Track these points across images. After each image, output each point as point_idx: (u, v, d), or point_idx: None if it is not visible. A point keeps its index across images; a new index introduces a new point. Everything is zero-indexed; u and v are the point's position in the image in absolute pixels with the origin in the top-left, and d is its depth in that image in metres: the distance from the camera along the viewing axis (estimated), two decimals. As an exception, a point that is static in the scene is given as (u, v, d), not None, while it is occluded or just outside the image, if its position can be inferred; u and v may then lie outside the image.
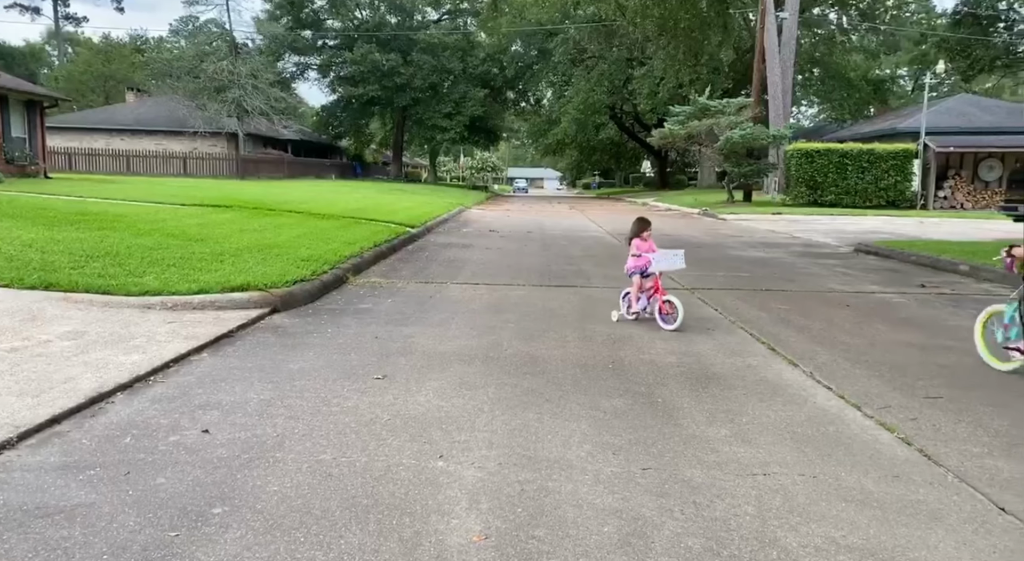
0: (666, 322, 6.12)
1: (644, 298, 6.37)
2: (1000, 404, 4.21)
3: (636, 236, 6.52)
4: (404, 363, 4.64)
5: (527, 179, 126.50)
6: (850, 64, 47.21)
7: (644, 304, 6.37)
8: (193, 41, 40.98)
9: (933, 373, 4.88)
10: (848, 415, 3.97)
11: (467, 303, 7.07)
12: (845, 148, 26.49)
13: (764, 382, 4.59)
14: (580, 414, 3.80)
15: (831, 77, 46.87)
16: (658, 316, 6.21)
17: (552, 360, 4.93)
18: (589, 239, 15.29)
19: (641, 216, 6.80)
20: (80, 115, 43.08)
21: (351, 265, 8.47)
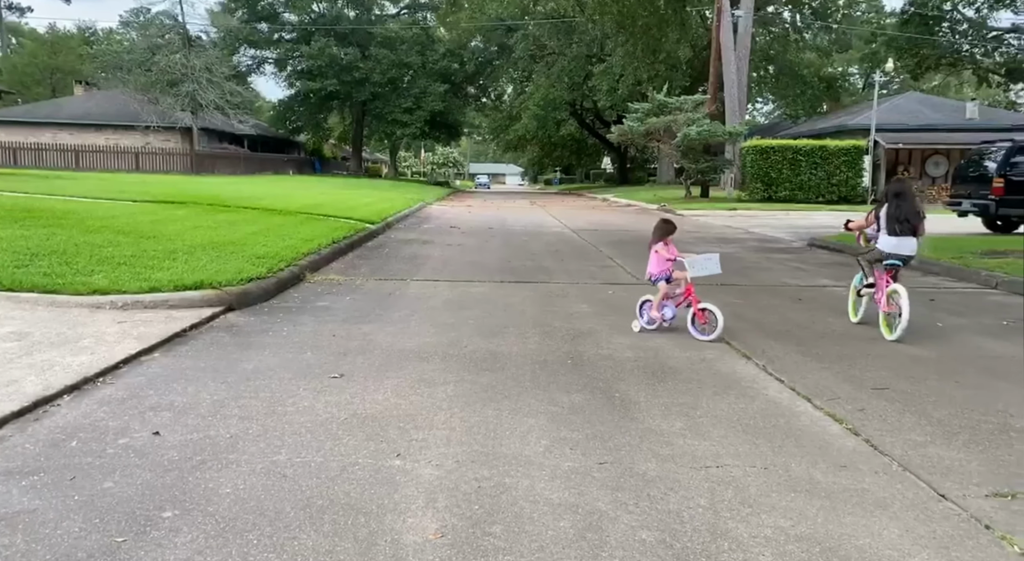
0: (703, 332, 5.66)
1: (671, 306, 5.89)
2: (943, 394, 4.35)
3: (660, 240, 5.99)
4: (362, 361, 4.61)
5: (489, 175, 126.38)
6: (803, 62, 48.14)
7: (672, 313, 5.87)
8: (144, 33, 39.94)
9: (881, 365, 5.02)
10: (799, 407, 4.06)
11: (427, 300, 7.04)
12: (798, 145, 27.05)
13: (718, 376, 4.67)
14: (539, 410, 3.82)
15: (785, 74, 47.76)
16: (692, 326, 5.76)
17: (512, 356, 4.94)
18: (551, 235, 15.34)
19: (665, 218, 6.25)
20: (25, 108, 41.73)
21: (308, 262, 8.37)
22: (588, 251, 12.21)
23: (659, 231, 6.06)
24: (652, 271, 6.03)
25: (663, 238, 6.00)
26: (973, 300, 7.89)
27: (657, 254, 5.97)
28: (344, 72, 48.14)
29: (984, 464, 3.28)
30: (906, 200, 6.12)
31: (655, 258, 5.99)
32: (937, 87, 65.17)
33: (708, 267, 5.90)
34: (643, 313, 6.01)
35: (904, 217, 6.02)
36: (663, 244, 5.99)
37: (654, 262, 6.01)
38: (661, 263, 5.95)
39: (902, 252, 6.07)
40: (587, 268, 9.90)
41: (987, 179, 15.60)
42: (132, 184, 20.09)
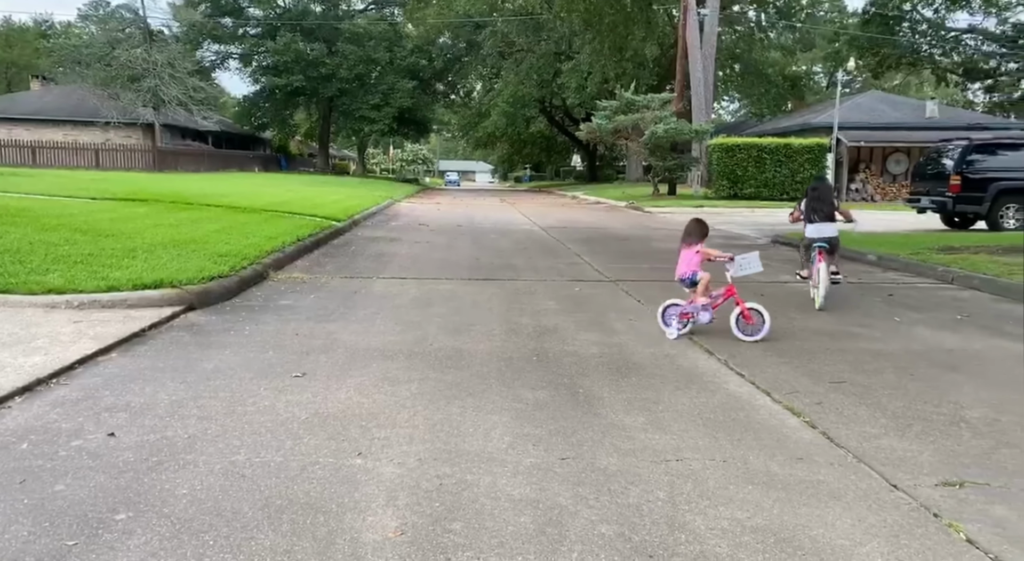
0: (749, 334, 5.56)
1: (710, 311, 5.66)
2: (898, 387, 4.45)
3: (701, 240, 5.80)
4: (325, 360, 4.57)
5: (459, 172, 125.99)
6: (768, 60, 48.80)
7: (709, 317, 5.66)
8: (104, 27, 39.05)
9: (839, 358, 5.12)
10: (758, 401, 4.12)
11: (393, 298, 7.01)
12: (763, 143, 27.42)
13: (681, 370, 4.72)
14: (503, 406, 3.83)
15: (750, 73, 48.37)
16: (736, 327, 5.62)
17: (477, 353, 4.94)
18: (519, 233, 15.35)
19: (697, 218, 6.07)
20: (-24, 104, 40.60)
21: (272, 260, 8.28)
22: (556, 248, 12.24)
23: (698, 232, 5.84)
24: (686, 272, 5.77)
25: (703, 239, 5.83)
26: (930, 295, 8.07)
27: (698, 254, 5.72)
28: (310, 68, 47.60)
29: (935, 455, 3.37)
30: (821, 195, 7.46)
31: (694, 258, 5.73)
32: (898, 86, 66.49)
33: (753, 265, 5.80)
34: (668, 320, 5.72)
35: (819, 208, 7.30)
36: (700, 245, 5.79)
37: (691, 262, 5.73)
38: (696, 263, 5.72)
39: (823, 235, 7.23)
40: (555, 265, 9.94)
41: (945, 177, 15.97)
42: (92, 181, 19.65)
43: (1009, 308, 7.27)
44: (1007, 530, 2.64)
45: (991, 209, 15.50)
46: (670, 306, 5.78)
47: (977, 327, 6.30)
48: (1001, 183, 15.39)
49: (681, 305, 5.74)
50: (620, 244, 13.31)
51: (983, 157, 15.85)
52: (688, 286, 5.80)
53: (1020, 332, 6.12)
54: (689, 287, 5.79)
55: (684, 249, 5.84)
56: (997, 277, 8.20)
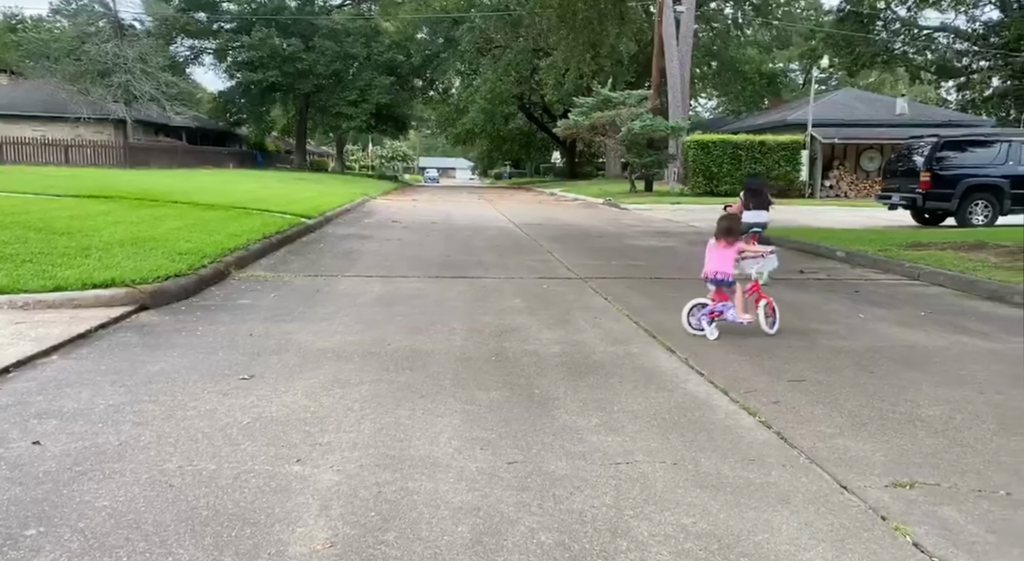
0: (771, 324, 5.69)
1: (752, 311, 5.67)
2: (857, 385, 4.42)
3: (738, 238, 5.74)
4: (276, 362, 4.46)
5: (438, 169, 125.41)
6: (745, 58, 49.06)
7: (751, 318, 5.62)
8: (74, 21, 38.31)
9: (800, 356, 5.08)
10: (715, 401, 4.07)
11: (357, 297, 6.89)
12: (739, 139, 27.55)
13: (641, 370, 4.66)
14: (455, 409, 3.74)
15: (727, 70, 48.59)
16: (764, 321, 5.69)
17: (436, 354, 4.85)
18: (494, 229, 15.27)
19: (730, 214, 6.01)
20: (-57, 98, 39.66)
21: (235, 259, 8.12)
22: (529, 245, 12.17)
23: (736, 230, 5.77)
24: (719, 270, 5.59)
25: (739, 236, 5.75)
26: (895, 291, 8.10)
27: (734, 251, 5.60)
28: (286, 63, 47.10)
29: (888, 454, 3.33)
30: (756, 189, 8.99)
31: (728, 256, 5.58)
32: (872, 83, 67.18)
33: (772, 263, 5.87)
34: (699, 322, 5.58)
35: (755, 199, 8.78)
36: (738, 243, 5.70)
37: (724, 260, 5.58)
38: (730, 262, 5.58)
39: (758, 220, 8.72)
40: (526, 262, 9.86)
41: (915, 173, 16.11)
42: (59, 178, 19.27)
43: (973, 304, 7.30)
44: (953, 533, 2.60)
45: (960, 205, 15.65)
46: (696, 306, 5.64)
47: (940, 324, 6.31)
48: (970, 180, 15.55)
49: (709, 305, 5.59)
50: (593, 241, 13.27)
51: (953, 154, 16.01)
52: (716, 284, 5.63)
53: (983, 328, 6.14)
54: (718, 286, 5.63)
55: (718, 247, 5.66)
56: (962, 273, 8.24)
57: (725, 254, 5.61)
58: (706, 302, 5.63)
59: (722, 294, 5.62)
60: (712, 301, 5.61)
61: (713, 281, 5.65)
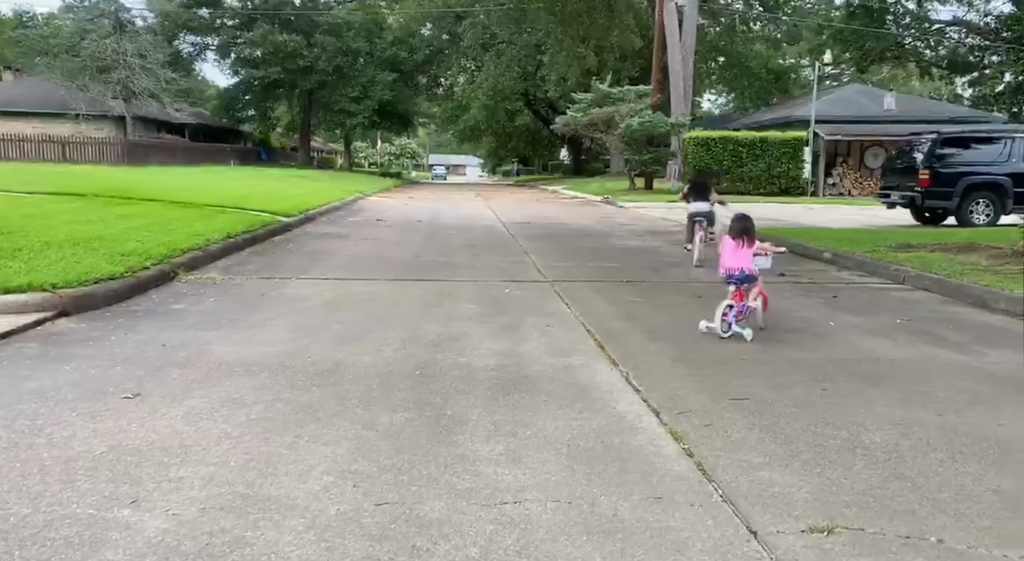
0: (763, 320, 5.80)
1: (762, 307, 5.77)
2: (804, 404, 4.05)
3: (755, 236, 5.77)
4: (176, 377, 4.14)
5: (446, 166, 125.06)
6: (751, 53, 48.37)
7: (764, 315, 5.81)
8: (75, 17, 38.19)
9: (753, 370, 4.72)
10: (643, 423, 3.72)
11: (303, 301, 6.58)
12: (739, 136, 27.06)
13: (575, 386, 4.31)
14: (347, 435, 3.41)
15: (733, 66, 47.93)
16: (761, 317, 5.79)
17: (357, 367, 4.51)
18: (480, 228, 14.95)
19: (743, 213, 6.09)
20: (-54, 95, 39.72)
21: (187, 259, 7.83)
22: (508, 245, 11.84)
23: (753, 229, 5.79)
24: (742, 267, 5.62)
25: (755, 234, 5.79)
26: (877, 296, 7.70)
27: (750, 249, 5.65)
28: (288, 59, 46.81)
29: (815, 490, 2.97)
30: (699, 183, 10.63)
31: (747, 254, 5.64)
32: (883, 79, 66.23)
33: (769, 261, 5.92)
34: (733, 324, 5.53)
35: (697, 192, 10.35)
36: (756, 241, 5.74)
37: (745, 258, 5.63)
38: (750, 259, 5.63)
39: (700, 210, 10.08)
40: (498, 263, 9.53)
41: (914, 171, 15.65)
42: (48, 175, 19.09)
43: (955, 311, 6.90)
44: (863, 596, 2.25)
45: (960, 204, 15.18)
46: (728, 308, 5.54)
47: (914, 333, 5.92)
48: (970, 178, 15.08)
49: (736, 306, 5.55)
50: (577, 241, 12.91)
51: (953, 151, 15.53)
52: (736, 283, 5.65)
53: (959, 339, 5.75)
54: (738, 284, 5.64)
55: (737, 247, 5.67)
56: (948, 277, 7.83)
57: (743, 253, 5.64)
58: (733, 303, 5.57)
59: (740, 293, 5.64)
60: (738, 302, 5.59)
61: (735, 279, 5.64)
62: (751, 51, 48.90)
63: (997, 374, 4.78)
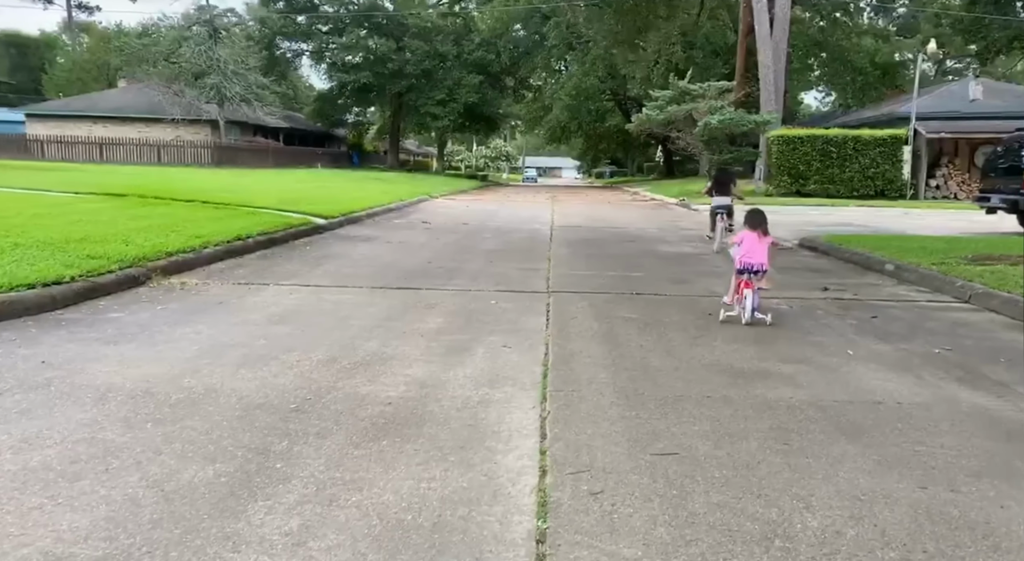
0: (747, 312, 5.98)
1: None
2: (745, 465, 3.15)
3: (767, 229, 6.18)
4: (8, 404, 3.67)
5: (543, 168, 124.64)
6: (855, 46, 45.27)
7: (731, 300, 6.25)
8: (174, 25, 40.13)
9: (707, 413, 3.82)
10: (515, 487, 2.94)
11: (252, 312, 6.08)
12: (829, 134, 25.06)
13: (471, 429, 3.56)
14: (116, 496, 2.78)
15: (835, 61, 45.03)
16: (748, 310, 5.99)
17: (229, 397, 3.87)
18: (522, 231, 14.27)
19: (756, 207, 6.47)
20: (62, 102, 42.70)
21: (170, 263, 7.54)
22: (537, 250, 11.07)
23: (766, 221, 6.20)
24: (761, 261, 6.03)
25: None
26: (927, 317, 6.48)
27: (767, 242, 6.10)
28: (377, 64, 47.63)
29: (669, 612, 2.12)
30: (721, 179, 11.76)
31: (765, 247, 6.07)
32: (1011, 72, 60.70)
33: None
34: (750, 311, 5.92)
35: (720, 187, 11.53)
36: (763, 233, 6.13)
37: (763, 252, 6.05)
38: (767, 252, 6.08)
39: (722, 204, 11.36)
40: (509, 271, 8.81)
41: (1018, 171, 13.74)
42: (120, 176, 19.84)
43: (1016, 341, 5.65)
44: None
45: (1073, 209, 13.19)
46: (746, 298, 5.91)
47: (950, 368, 4.80)
48: (1086, 178, 13.07)
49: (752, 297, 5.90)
50: (618, 246, 11.99)
51: (1066, 148, 13.53)
52: (753, 273, 5.96)
53: (1003, 378, 4.60)
54: (754, 275, 5.96)
55: (755, 239, 6.03)
56: (1022, 297, 6.50)
57: (761, 247, 6.01)
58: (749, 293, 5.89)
59: (750, 284, 5.95)
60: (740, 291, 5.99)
61: (750, 271, 5.96)
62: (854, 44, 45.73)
63: (1035, 431, 3.68)
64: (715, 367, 4.77)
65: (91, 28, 79.33)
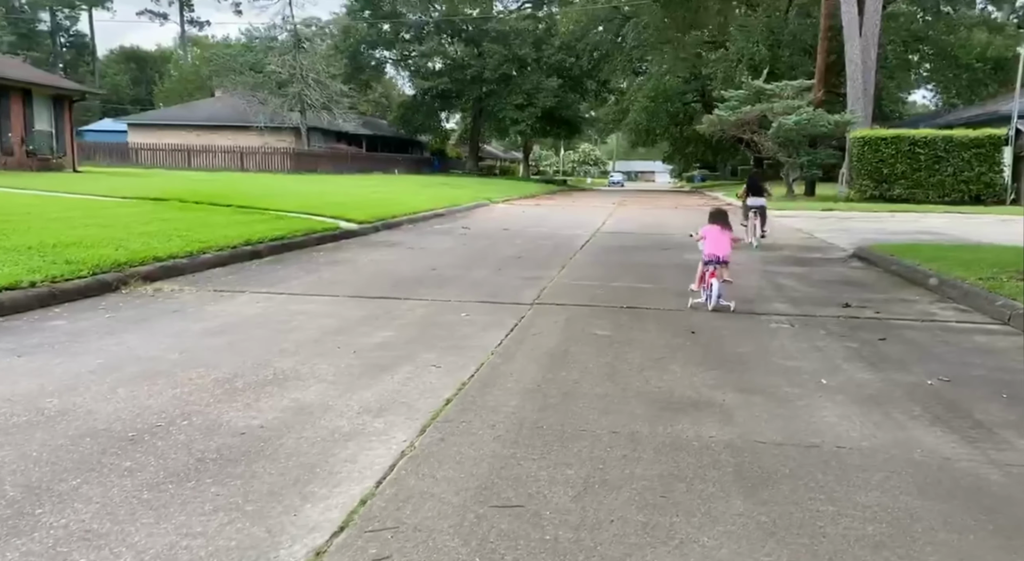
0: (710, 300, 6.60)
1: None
2: (592, 525, 2.62)
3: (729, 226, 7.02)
4: None
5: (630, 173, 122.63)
6: (959, 41, 42.03)
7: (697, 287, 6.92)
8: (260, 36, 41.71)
9: (600, 455, 3.29)
10: (291, 549, 2.52)
11: (205, 321, 5.88)
12: (917, 135, 23.20)
13: (308, 469, 3.16)
14: None
15: (937, 56, 41.98)
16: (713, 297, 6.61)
17: (65, 419, 3.53)
18: (556, 237, 13.76)
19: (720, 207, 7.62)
20: (160, 112, 45.12)
21: (157, 268, 7.54)
22: (555, 258, 10.50)
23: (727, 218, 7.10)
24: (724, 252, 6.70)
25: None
26: (946, 341, 5.62)
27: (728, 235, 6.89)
28: (457, 70, 47.97)
29: None
30: (754, 183, 12.91)
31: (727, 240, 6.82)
32: None
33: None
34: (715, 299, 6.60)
35: (754, 189, 12.79)
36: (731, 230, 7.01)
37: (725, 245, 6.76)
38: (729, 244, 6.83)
39: (757, 204, 12.65)
40: (510, 281, 8.37)
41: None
42: (186, 181, 20.54)
43: (1041, 372, 4.76)
44: None
45: None
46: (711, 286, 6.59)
47: (932, 404, 4.05)
48: None
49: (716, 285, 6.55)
50: (645, 255, 11.32)
51: None
52: (717, 264, 6.62)
53: (996, 418, 3.84)
54: (719, 265, 6.62)
55: (718, 233, 6.80)
56: (1065, 320, 5.53)
57: (724, 239, 6.77)
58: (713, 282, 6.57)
59: (715, 273, 6.60)
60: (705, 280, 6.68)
61: (716, 262, 6.62)
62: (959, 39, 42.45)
63: (989, 486, 2.96)
64: (651, 396, 4.20)
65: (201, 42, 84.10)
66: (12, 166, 20.96)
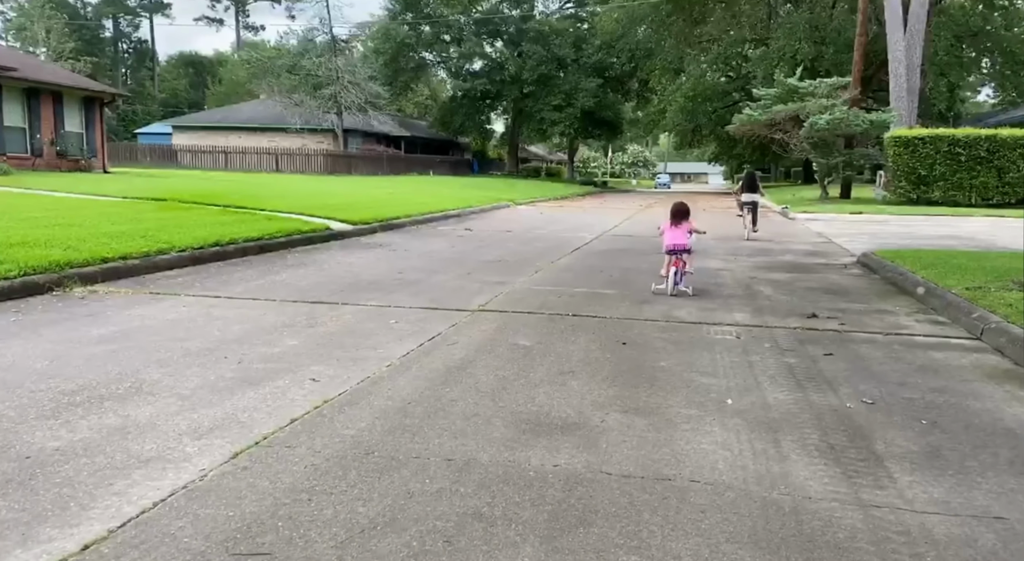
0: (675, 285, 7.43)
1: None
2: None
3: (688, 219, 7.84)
4: None
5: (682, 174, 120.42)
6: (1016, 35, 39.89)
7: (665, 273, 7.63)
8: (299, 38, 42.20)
9: (406, 490, 2.92)
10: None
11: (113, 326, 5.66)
12: (957, 135, 21.94)
13: (58, 502, 2.87)
14: None
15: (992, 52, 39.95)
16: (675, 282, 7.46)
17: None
18: (554, 240, 13.36)
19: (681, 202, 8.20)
20: (204, 115, 46.09)
21: (101, 269, 7.40)
22: (537, 262, 10.08)
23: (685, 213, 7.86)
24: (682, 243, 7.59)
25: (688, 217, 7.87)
26: (898, 358, 5.04)
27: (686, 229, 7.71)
28: (496, 71, 47.73)
29: None
30: (749, 181, 14.36)
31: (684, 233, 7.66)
32: None
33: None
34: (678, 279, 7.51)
35: (748, 186, 14.12)
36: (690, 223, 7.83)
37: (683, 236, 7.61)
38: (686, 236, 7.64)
39: (749, 199, 13.75)
40: (469, 285, 8.03)
41: None
42: (207, 182, 20.77)
43: (984, 393, 4.17)
44: None
45: None
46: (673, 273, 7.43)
47: (834, 431, 3.56)
48: None
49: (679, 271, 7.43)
50: (634, 260, 10.81)
51: None
52: (677, 254, 7.46)
53: (896, 449, 3.30)
54: (678, 255, 7.45)
55: (674, 228, 7.68)
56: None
57: (679, 232, 7.61)
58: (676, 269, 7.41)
59: (678, 261, 7.43)
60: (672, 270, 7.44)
61: (674, 252, 7.45)
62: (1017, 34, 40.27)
63: (834, 533, 2.49)
64: (522, 416, 3.79)
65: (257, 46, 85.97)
66: (42, 167, 21.54)
